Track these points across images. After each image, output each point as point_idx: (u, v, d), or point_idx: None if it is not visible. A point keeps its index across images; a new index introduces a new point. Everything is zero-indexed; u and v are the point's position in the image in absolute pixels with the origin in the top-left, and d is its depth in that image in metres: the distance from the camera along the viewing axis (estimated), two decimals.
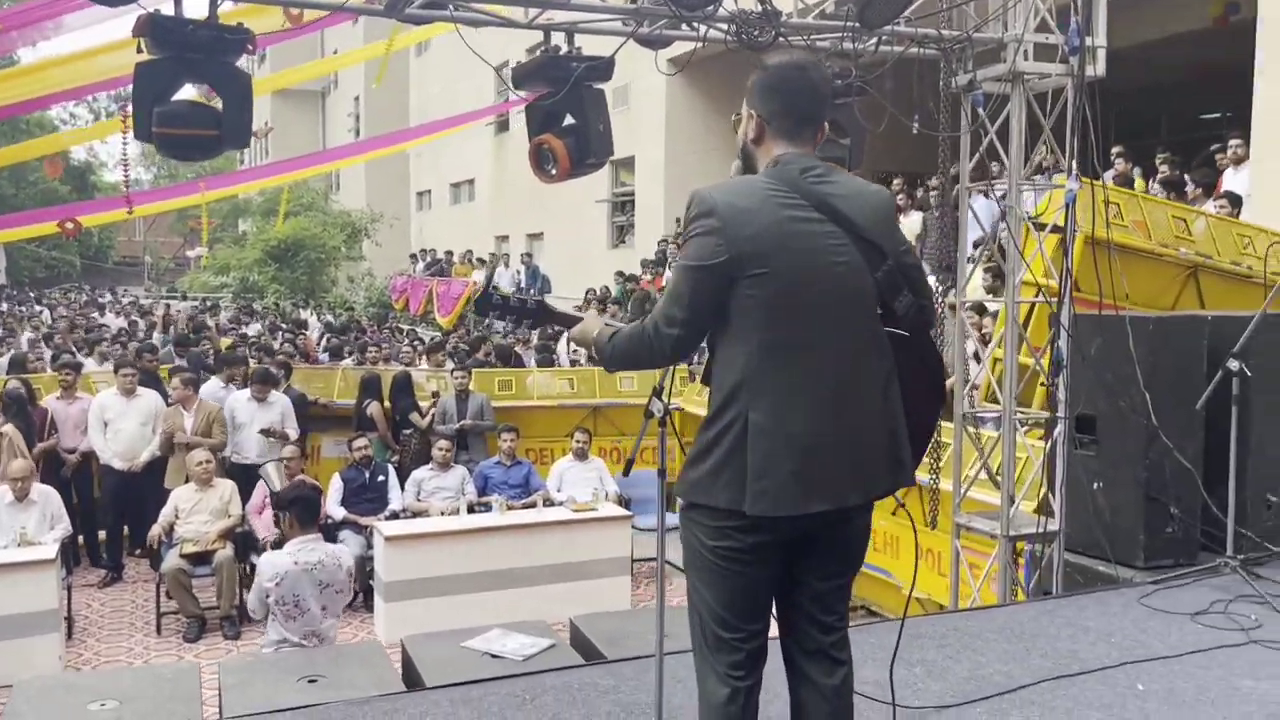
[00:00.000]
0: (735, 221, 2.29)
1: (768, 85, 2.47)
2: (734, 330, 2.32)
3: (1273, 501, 5.51)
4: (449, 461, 8.88)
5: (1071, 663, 3.95)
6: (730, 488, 2.29)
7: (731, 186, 2.40)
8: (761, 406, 2.28)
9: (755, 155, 2.52)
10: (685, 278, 2.34)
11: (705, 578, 2.41)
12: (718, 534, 2.35)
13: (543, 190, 21.86)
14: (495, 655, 4.34)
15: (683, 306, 2.33)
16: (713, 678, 2.43)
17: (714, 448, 2.32)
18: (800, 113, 2.46)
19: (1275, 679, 3.79)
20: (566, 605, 8.14)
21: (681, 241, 2.45)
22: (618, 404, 10.86)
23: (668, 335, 2.35)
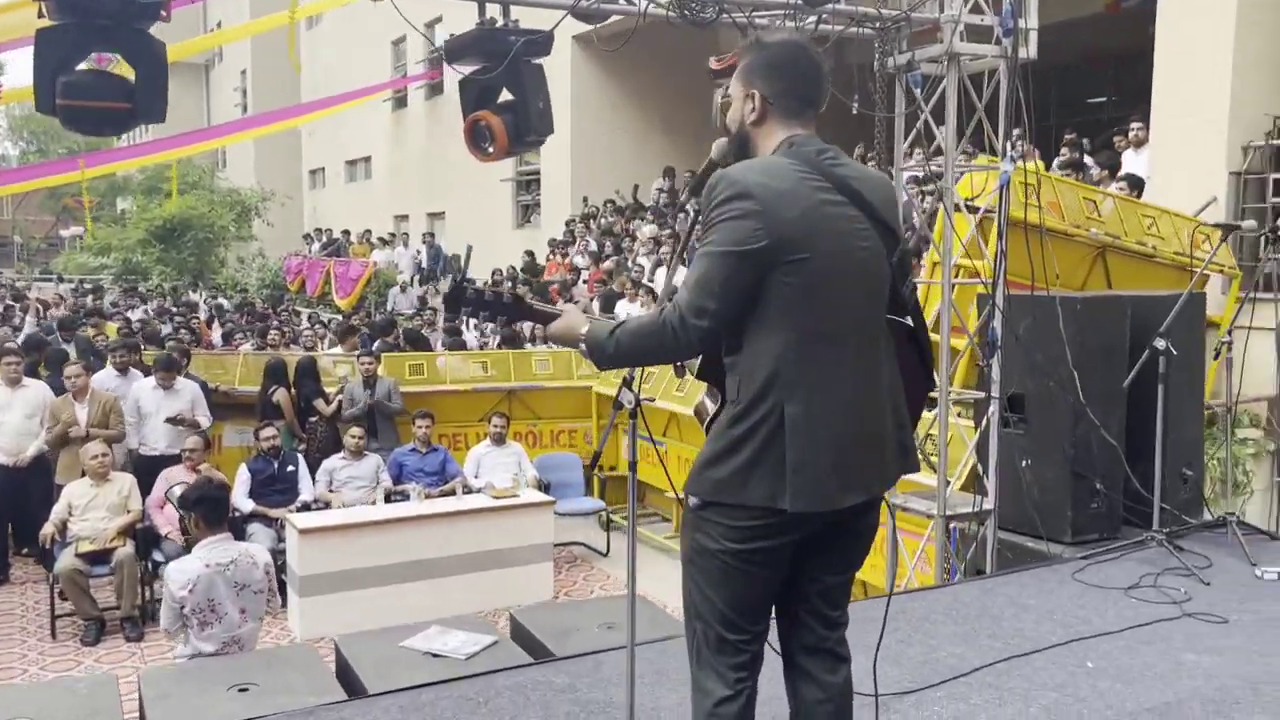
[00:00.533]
0: (775, 205, 2.17)
1: (772, 63, 2.36)
2: (766, 319, 2.20)
3: (1188, 475, 5.70)
4: (362, 449, 8.59)
5: (1021, 642, 3.98)
6: (765, 484, 2.18)
7: (760, 167, 2.28)
8: (798, 398, 2.18)
9: (754, 137, 2.39)
10: (719, 264, 2.18)
11: (714, 579, 2.30)
12: (741, 534, 2.23)
13: (443, 168, 21.55)
14: (437, 654, 4.16)
15: (715, 296, 2.18)
16: (712, 678, 2.34)
17: (745, 443, 2.20)
18: (805, 93, 2.37)
19: (1214, 652, 3.89)
20: (489, 594, 8.00)
21: (706, 226, 2.25)
22: (533, 387, 10.69)
23: (696, 327, 2.20)
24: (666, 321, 2.22)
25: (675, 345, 2.23)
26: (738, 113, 2.41)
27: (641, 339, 2.29)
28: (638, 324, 2.33)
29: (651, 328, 2.26)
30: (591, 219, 16.21)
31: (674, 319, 2.21)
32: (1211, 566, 4.82)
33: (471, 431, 10.41)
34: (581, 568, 9.15)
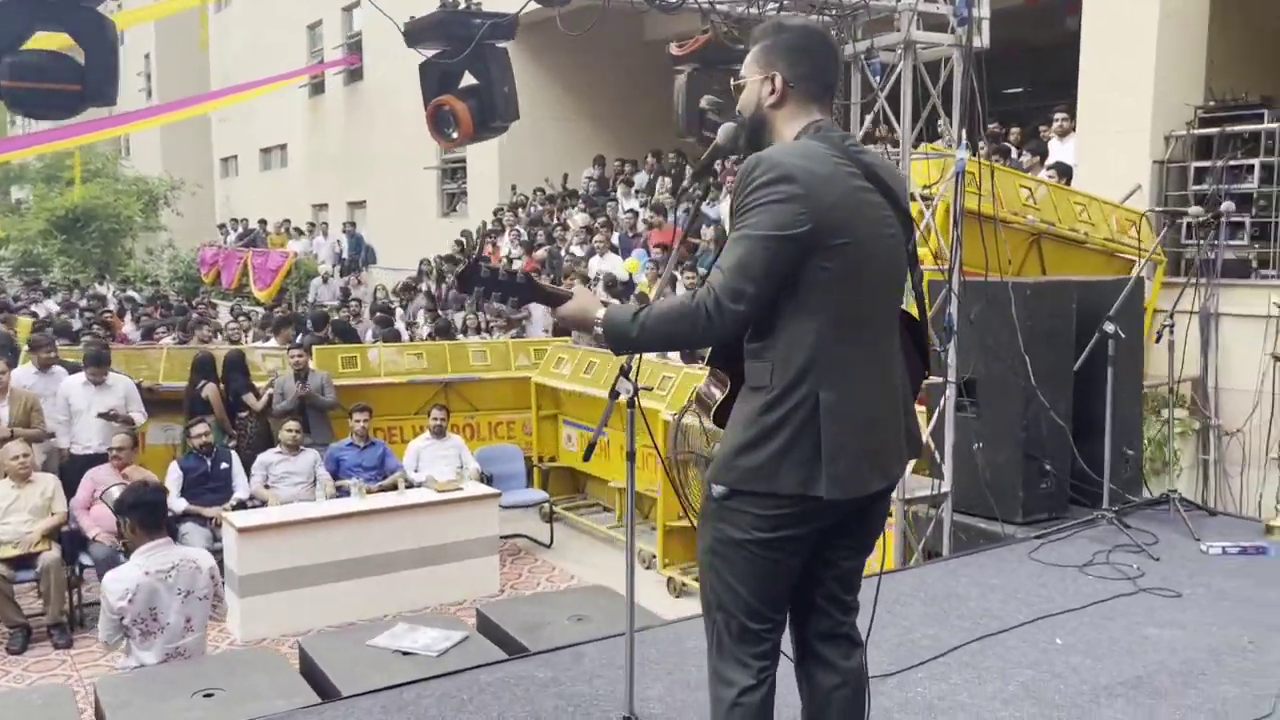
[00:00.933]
0: (817, 189, 2.15)
1: (796, 47, 2.33)
2: (802, 305, 2.17)
3: (1130, 455, 5.88)
4: (299, 444, 8.38)
5: (990, 622, 4.06)
6: (798, 471, 2.17)
7: (799, 151, 2.24)
8: (832, 385, 2.17)
9: (772, 120, 2.35)
10: (760, 248, 2.14)
11: (740, 569, 2.28)
12: (770, 523, 2.22)
13: (364, 156, 21.10)
14: (407, 652, 4.07)
15: (754, 280, 2.14)
16: (735, 668, 2.32)
17: (778, 430, 2.17)
18: (827, 78, 2.37)
19: (1174, 625, 4.02)
20: (435, 589, 7.88)
21: (743, 209, 2.20)
22: (470, 379, 10.55)
23: (733, 312, 2.15)
24: (701, 305, 2.16)
25: (709, 329, 2.18)
26: (754, 95, 2.37)
27: (671, 323, 2.22)
28: (667, 307, 2.26)
29: (682, 311, 2.20)
30: (521, 207, 16.04)
31: (709, 302, 2.16)
32: (1159, 543, 4.98)
33: (408, 424, 10.24)
34: (525, 560, 9.07)
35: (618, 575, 8.71)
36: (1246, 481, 7.51)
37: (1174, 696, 3.41)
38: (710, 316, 2.15)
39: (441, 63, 4.27)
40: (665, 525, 8.52)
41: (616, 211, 13.83)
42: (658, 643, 3.95)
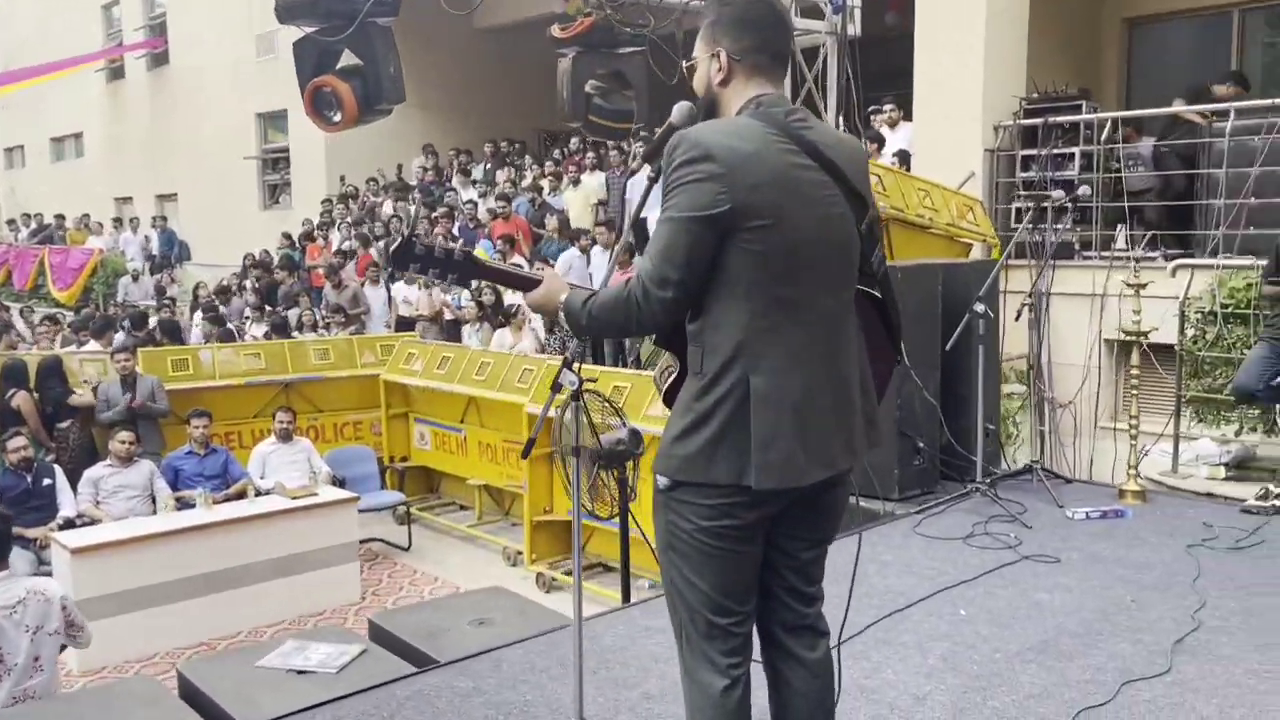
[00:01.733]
0: (738, 167, 2.06)
1: (737, 19, 2.24)
2: (730, 287, 2.09)
3: (990, 429, 6.15)
4: (132, 455, 7.77)
5: (895, 597, 4.15)
6: (731, 460, 2.09)
7: (725, 128, 2.17)
8: (763, 370, 2.09)
9: (721, 99, 2.27)
10: (680, 231, 2.07)
11: (696, 563, 2.19)
12: (714, 513, 2.14)
13: (172, 145, 19.85)
14: (303, 671, 3.81)
15: (677, 264, 2.07)
16: (707, 668, 2.23)
17: (710, 418, 2.10)
18: (774, 48, 2.26)
19: (1061, 590, 4.22)
20: (292, 602, 7.48)
21: (666, 190, 2.13)
22: (313, 378, 10.07)
23: (660, 299, 2.08)
24: (631, 294, 2.12)
25: (640, 317, 2.13)
26: (704, 74, 2.29)
27: (609, 311, 2.18)
28: (606, 296, 2.21)
29: (616, 300, 2.16)
30: (351, 199, 15.44)
31: (637, 290, 2.10)
32: (1027, 511, 5.23)
33: (247, 429, 9.69)
34: (384, 565, 8.74)
35: (482, 574, 8.56)
36: (1079, 449, 8.01)
37: (1079, 658, 3.57)
38: (639, 305, 2.10)
39: (320, 40, 3.99)
40: (532, 520, 8.37)
41: (457, 201, 13.50)
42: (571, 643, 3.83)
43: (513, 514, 9.53)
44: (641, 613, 4.13)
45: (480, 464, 9.48)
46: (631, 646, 3.75)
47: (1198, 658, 3.55)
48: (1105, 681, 3.38)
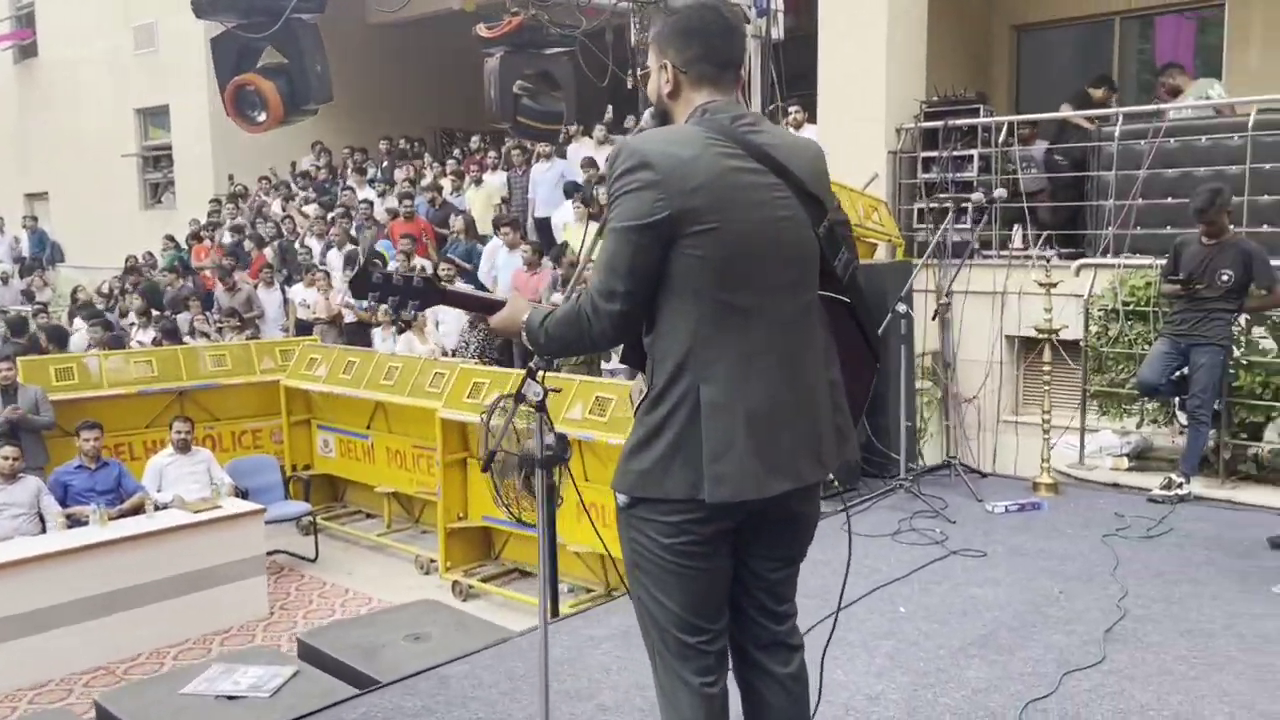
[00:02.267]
0: (675, 173, 2.02)
1: (682, 29, 2.20)
2: (675, 295, 2.05)
3: (908, 426, 6.29)
4: (15, 471, 7.33)
5: (833, 597, 4.18)
6: (684, 474, 2.04)
7: (664, 135, 2.13)
8: (713, 379, 2.05)
9: (671, 110, 2.23)
10: (621, 241, 2.03)
11: (662, 581, 2.13)
12: (673, 530, 2.08)
13: (43, 142, 18.81)
14: (234, 696, 3.64)
15: (621, 276, 2.03)
16: (683, 691, 2.17)
17: (662, 431, 2.05)
18: (721, 57, 2.21)
19: (991, 584, 4.32)
20: (197, 620, 7.17)
21: (609, 200, 2.10)
22: (209, 386, 9.66)
23: (608, 312, 2.05)
24: (581, 309, 2.09)
25: (591, 332, 2.10)
26: (655, 86, 2.25)
27: (563, 327, 2.15)
28: (560, 313, 2.16)
29: (568, 316, 2.13)
30: (240, 198, 14.89)
31: (586, 305, 2.08)
32: (949, 506, 5.35)
33: (139, 440, 9.25)
34: (290, 577, 8.45)
35: (394, 584, 8.36)
36: (983, 443, 8.27)
37: (1019, 650, 3.66)
38: (589, 320, 2.08)
39: (241, 36, 3.81)
40: (446, 527, 8.20)
41: (354, 200, 13.14)
42: (519, 655, 3.76)
43: (423, 521, 9.33)
44: (584, 622, 4.08)
45: (389, 471, 9.25)
46: (579, 658, 3.70)
47: (1129, 646, 3.68)
48: (1046, 673, 3.47)
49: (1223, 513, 5.27)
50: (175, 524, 7.13)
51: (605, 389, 7.16)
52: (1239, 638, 3.73)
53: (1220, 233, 5.42)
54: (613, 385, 7.44)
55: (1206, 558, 4.59)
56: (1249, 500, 5.43)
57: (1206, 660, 3.56)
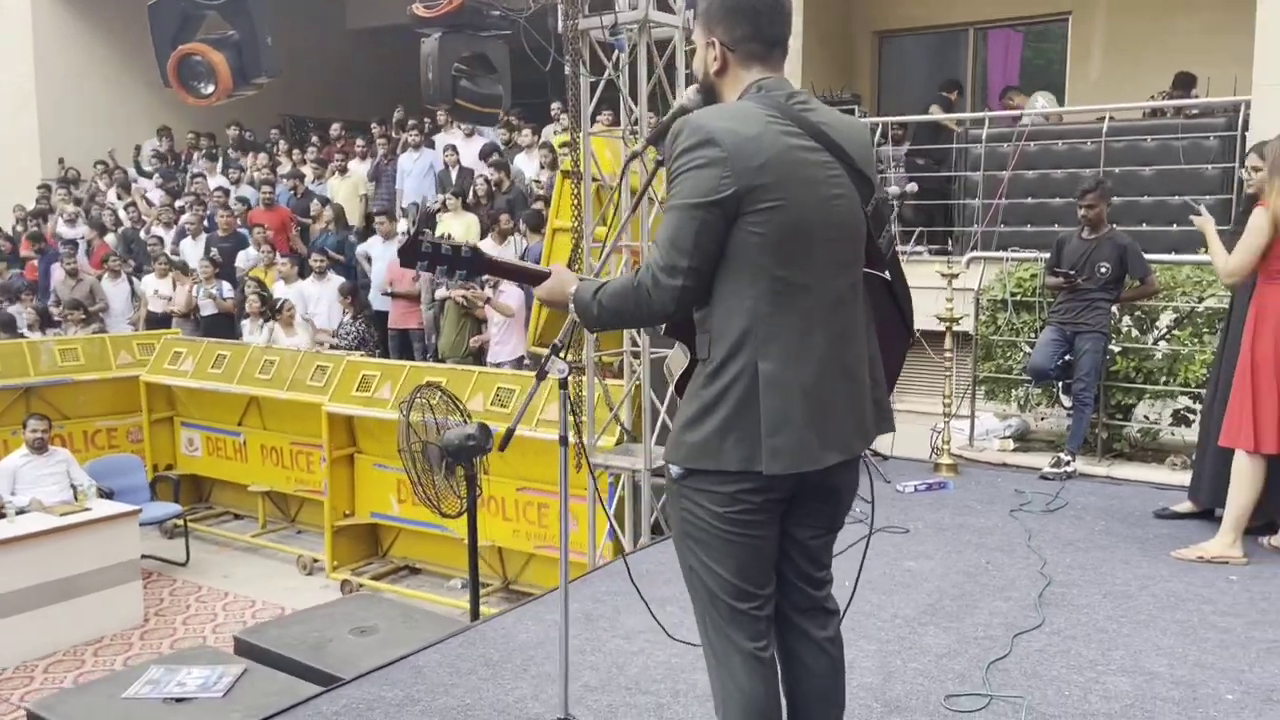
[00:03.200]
0: (741, 150, 2.05)
1: (732, 7, 2.22)
2: (735, 271, 2.08)
3: None
4: None
5: None
6: (742, 446, 2.08)
7: (727, 112, 2.15)
8: (771, 354, 2.09)
9: (719, 87, 2.26)
10: (686, 218, 2.04)
11: (715, 550, 2.18)
12: (728, 500, 2.13)
13: None
14: (184, 699, 3.44)
15: (686, 252, 2.04)
16: (736, 655, 2.21)
17: (719, 404, 2.09)
18: (770, 35, 2.24)
19: (924, 557, 4.53)
20: (68, 629, 6.74)
21: (671, 177, 2.09)
22: (59, 382, 9.04)
23: (670, 288, 2.06)
24: (640, 284, 2.09)
25: (650, 307, 2.11)
26: (701, 62, 2.28)
27: (619, 301, 2.15)
28: (615, 285, 2.16)
29: (625, 289, 2.13)
30: (74, 184, 13.92)
31: (646, 280, 2.08)
32: (860, 486, 5.55)
33: None
34: (161, 583, 8.01)
35: (276, 586, 8.03)
36: None
37: (967, 617, 3.86)
38: (649, 294, 2.09)
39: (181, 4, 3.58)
40: (333, 525, 7.94)
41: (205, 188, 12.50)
42: (489, 642, 3.69)
43: (301, 520, 9.01)
44: (545, 608, 4.04)
45: (264, 469, 8.88)
46: (548, 642, 3.67)
47: (1062, 609, 3.93)
48: (998, 637, 3.68)
49: (1105, 487, 5.68)
50: (40, 529, 6.64)
51: (507, 380, 7.09)
52: (1154, 598, 4.05)
53: (1099, 227, 5.84)
54: (513, 376, 7.38)
55: (1105, 528, 4.94)
56: (1125, 476, 5.87)
57: (1133, 619, 3.84)
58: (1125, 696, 3.24)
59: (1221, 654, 3.53)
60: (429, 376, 7.36)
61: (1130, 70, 10.01)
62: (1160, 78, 9.34)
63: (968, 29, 11.28)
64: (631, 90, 5.14)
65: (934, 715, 3.16)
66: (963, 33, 11.37)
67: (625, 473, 5.68)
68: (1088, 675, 3.38)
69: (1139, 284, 5.85)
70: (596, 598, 4.13)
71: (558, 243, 7.63)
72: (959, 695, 3.26)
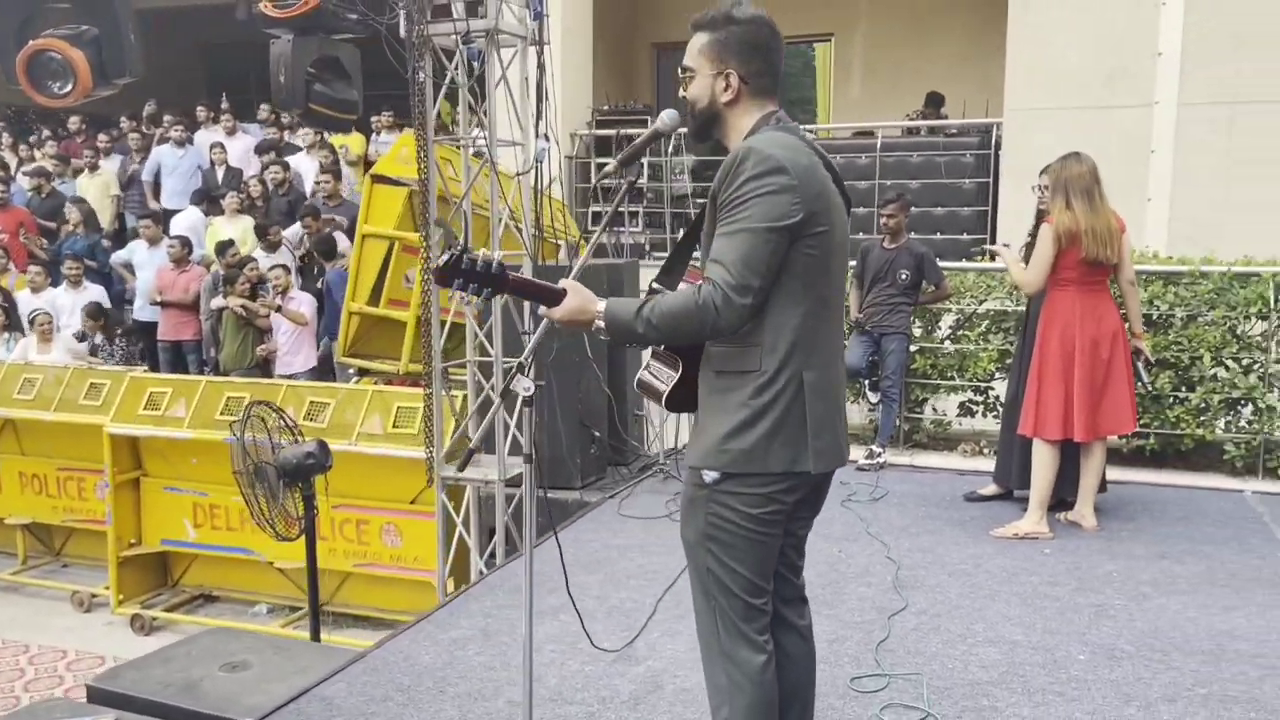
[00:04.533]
0: (804, 179, 2.21)
1: (747, 42, 2.34)
2: (788, 289, 2.24)
3: (639, 415, 6.67)
4: None
5: (656, 576, 4.40)
6: (787, 449, 2.26)
7: (779, 141, 2.27)
8: (814, 365, 2.28)
9: (726, 116, 2.38)
10: (761, 241, 2.17)
11: (740, 550, 2.32)
12: (763, 500, 2.28)
13: None
14: None
15: (759, 273, 2.18)
16: (746, 647, 2.35)
17: (767, 411, 2.25)
18: (778, 70, 2.40)
19: None
20: None
21: (734, 200, 2.20)
22: None
23: (742, 306, 2.17)
24: (709, 302, 2.18)
25: (717, 324, 2.20)
26: (706, 90, 2.37)
27: (679, 319, 2.22)
28: (673, 304, 2.23)
29: (690, 309, 2.20)
30: None
31: (717, 298, 2.18)
32: None
33: None
34: None
35: (49, 627, 7.27)
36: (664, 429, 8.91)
37: (839, 604, 4.12)
38: (719, 312, 2.19)
39: None
40: (118, 556, 7.27)
41: None
42: (392, 667, 3.57)
43: (68, 553, 8.19)
44: (437, 627, 3.95)
45: (24, 499, 7.99)
46: (456, 662, 3.60)
47: (918, 590, 4.28)
48: (874, 619, 3.96)
49: (913, 475, 6.19)
50: None
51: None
52: (990, 574, 4.48)
53: (899, 236, 6.36)
54: (328, 389, 7.06)
55: (926, 513, 5.40)
56: (928, 464, 6.43)
57: (979, 594, 4.24)
58: (999, 664, 3.59)
59: (1061, 620, 3.98)
60: (229, 392, 6.94)
61: (889, 90, 10.92)
62: (916, 99, 10.26)
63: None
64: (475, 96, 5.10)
65: (845, 697, 3.37)
66: None
67: (473, 485, 5.60)
68: (961, 649, 3.72)
69: (934, 289, 6.42)
70: (488, 613, 4.08)
71: (368, 249, 7.40)
72: (862, 676, 3.50)
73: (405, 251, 7.31)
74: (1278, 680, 3.43)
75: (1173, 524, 5.14)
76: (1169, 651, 3.67)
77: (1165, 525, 5.12)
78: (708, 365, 2.37)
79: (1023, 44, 8.29)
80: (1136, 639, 3.78)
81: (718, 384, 2.32)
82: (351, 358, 7.55)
